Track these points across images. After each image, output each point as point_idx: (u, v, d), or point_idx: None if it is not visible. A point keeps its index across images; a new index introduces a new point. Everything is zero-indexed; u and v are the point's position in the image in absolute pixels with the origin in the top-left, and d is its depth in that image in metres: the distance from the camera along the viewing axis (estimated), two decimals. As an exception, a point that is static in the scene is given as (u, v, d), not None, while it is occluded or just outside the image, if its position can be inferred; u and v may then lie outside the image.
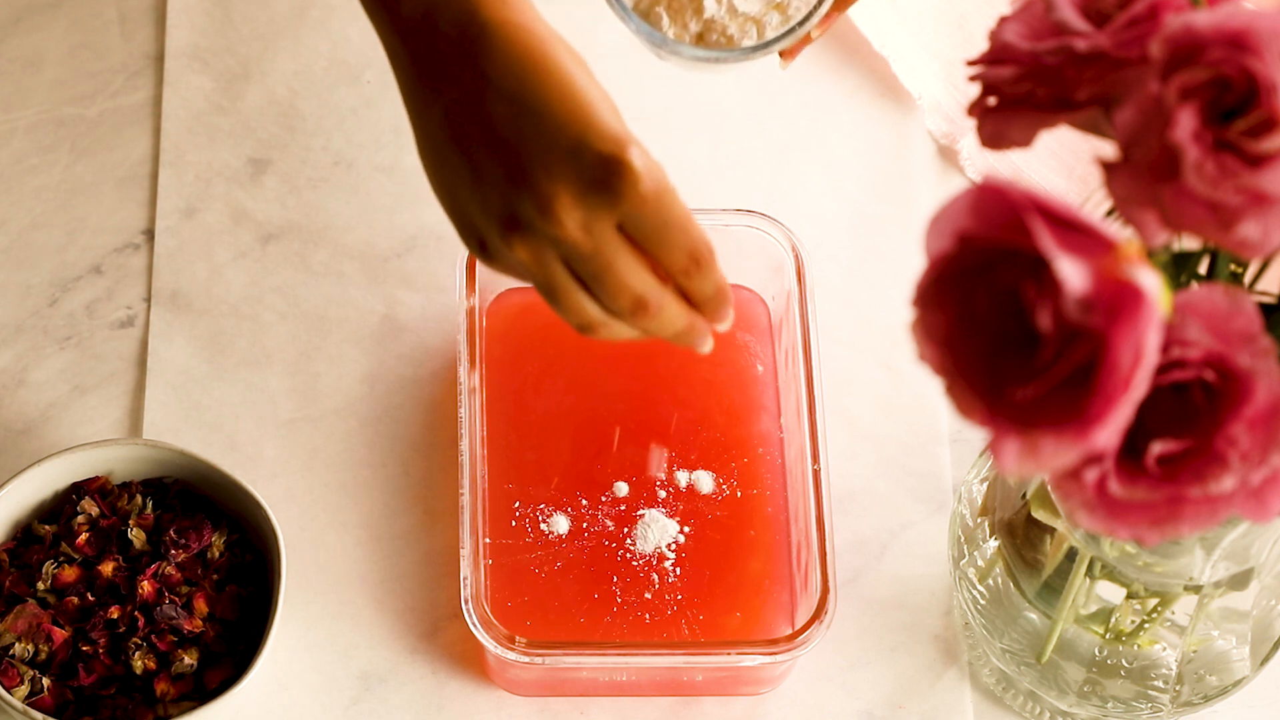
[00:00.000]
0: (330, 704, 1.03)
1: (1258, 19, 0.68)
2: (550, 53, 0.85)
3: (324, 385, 1.10)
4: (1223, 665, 0.97)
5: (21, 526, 1.03)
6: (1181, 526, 0.70)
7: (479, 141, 0.85)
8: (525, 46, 0.85)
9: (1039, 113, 0.74)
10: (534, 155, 0.84)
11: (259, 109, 1.16)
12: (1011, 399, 0.68)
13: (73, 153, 1.16)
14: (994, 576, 0.98)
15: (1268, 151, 0.68)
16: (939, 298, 0.70)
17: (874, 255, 1.15)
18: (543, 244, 0.85)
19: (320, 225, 1.14)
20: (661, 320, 0.87)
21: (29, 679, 0.98)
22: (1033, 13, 0.75)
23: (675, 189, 0.85)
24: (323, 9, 1.19)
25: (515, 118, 0.85)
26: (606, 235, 0.84)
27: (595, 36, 1.07)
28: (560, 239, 0.84)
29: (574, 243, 0.84)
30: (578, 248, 0.84)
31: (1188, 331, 0.69)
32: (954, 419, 1.07)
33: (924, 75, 1.18)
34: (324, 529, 1.07)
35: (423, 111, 0.88)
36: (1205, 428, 0.70)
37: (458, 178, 0.87)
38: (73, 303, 1.12)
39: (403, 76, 0.89)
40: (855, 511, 1.08)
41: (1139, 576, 0.91)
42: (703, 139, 1.17)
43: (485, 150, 0.85)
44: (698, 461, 1.06)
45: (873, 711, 1.04)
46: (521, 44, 0.85)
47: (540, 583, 1.03)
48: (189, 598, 1.00)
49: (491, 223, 0.86)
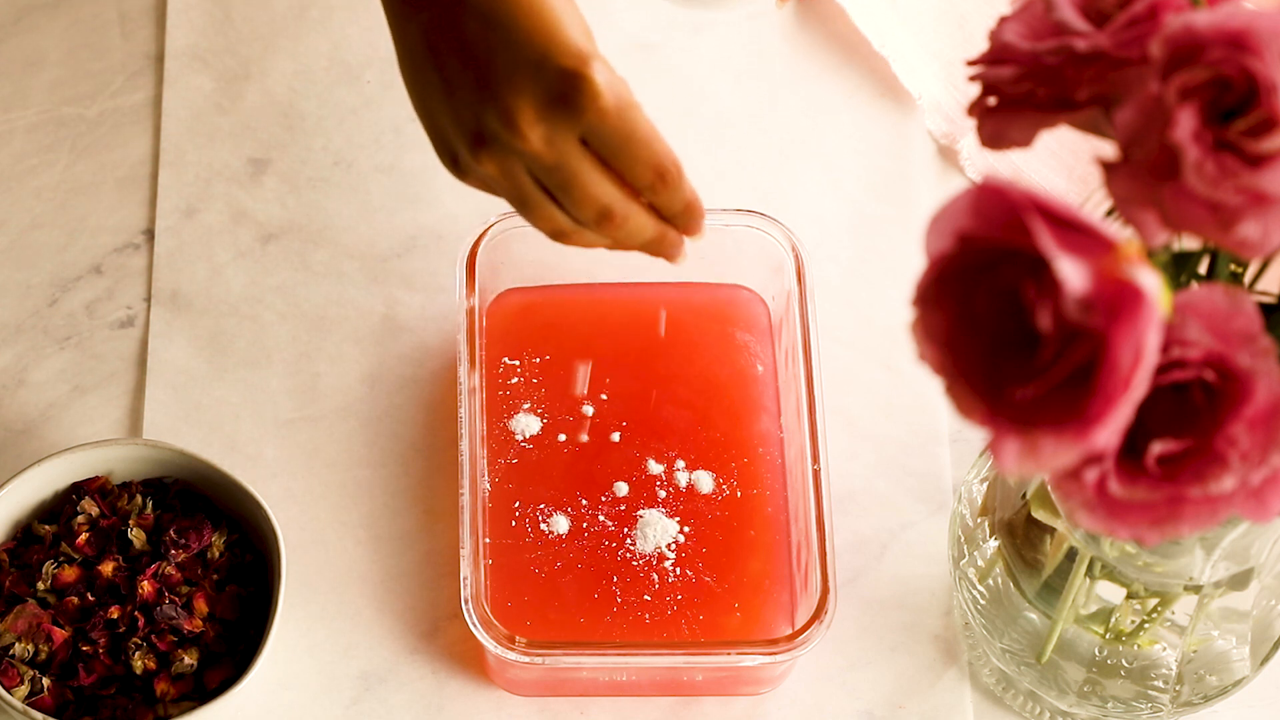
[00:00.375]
0: (330, 704, 1.03)
1: (1258, 19, 0.68)
2: None
3: (324, 385, 1.10)
4: (1223, 665, 0.97)
5: (21, 526, 1.03)
6: (1181, 526, 0.70)
7: (453, 57, 0.88)
8: None
9: (1039, 113, 0.74)
10: (500, 70, 0.87)
11: (259, 109, 1.16)
12: (1011, 399, 0.68)
13: (73, 153, 1.16)
14: (994, 576, 0.98)
15: (1268, 151, 0.68)
16: (939, 298, 0.70)
17: (874, 255, 1.15)
18: (509, 157, 0.88)
19: (320, 225, 1.14)
20: (628, 229, 0.90)
21: (29, 679, 0.98)
22: (1033, 13, 0.75)
23: (639, 105, 0.88)
24: (323, 9, 1.19)
25: (486, 33, 0.87)
26: (569, 148, 0.87)
27: (598, 37, 1.07)
28: (524, 151, 0.87)
29: (537, 155, 0.87)
30: (541, 159, 0.87)
31: (1188, 331, 0.69)
32: (954, 419, 1.07)
33: (924, 75, 1.18)
34: (324, 529, 1.07)
35: (403, 26, 0.91)
36: (1205, 428, 0.70)
37: (432, 92, 0.89)
38: (73, 303, 1.12)
39: None
40: (855, 511, 1.08)
41: (1139, 576, 0.91)
42: (703, 139, 1.17)
43: (458, 65, 0.88)
44: (698, 461, 1.06)
45: (873, 711, 1.04)
46: None
47: (540, 583, 1.03)
48: (189, 598, 1.00)
49: (462, 137, 0.89)
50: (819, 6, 1.21)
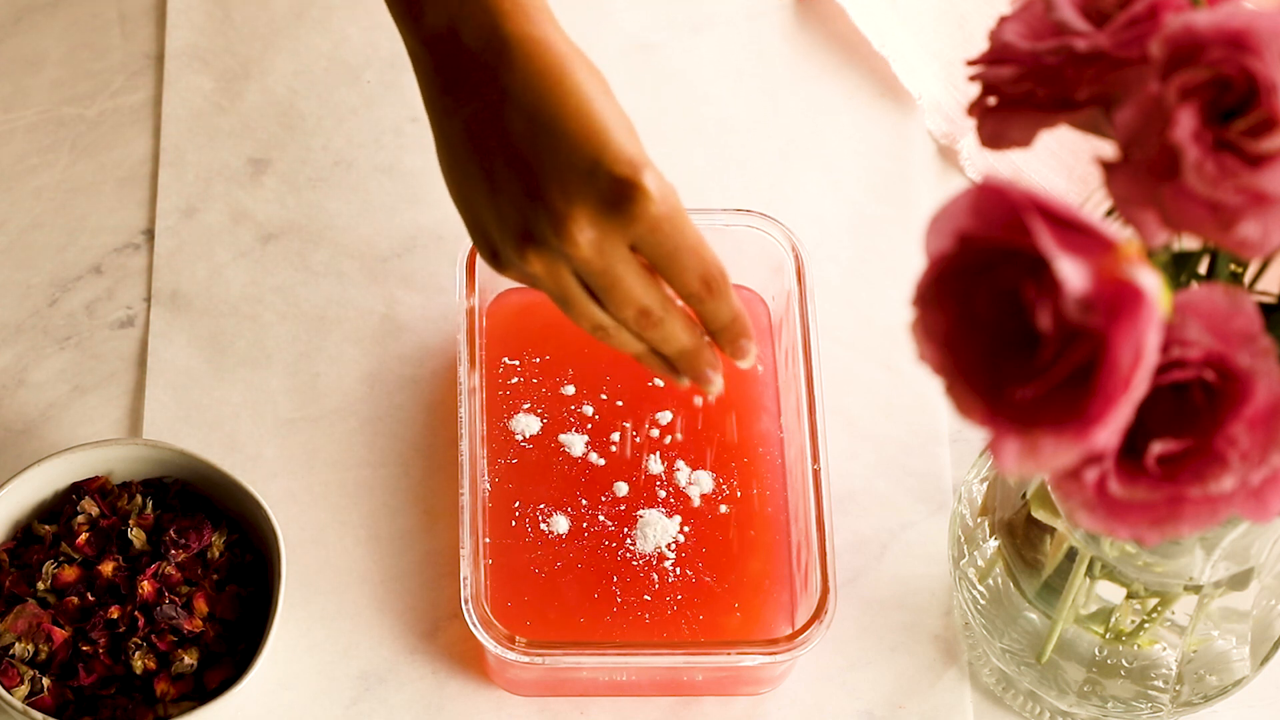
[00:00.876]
0: (330, 704, 1.03)
1: (1258, 19, 0.68)
2: (570, 70, 0.87)
3: (324, 385, 1.10)
4: (1223, 665, 0.97)
5: (21, 526, 1.03)
6: (1181, 526, 0.70)
7: (497, 155, 0.87)
8: (545, 63, 0.87)
9: (1039, 113, 0.74)
10: (551, 173, 0.86)
11: (259, 109, 1.16)
12: (1011, 399, 0.68)
13: (73, 153, 1.16)
14: (994, 576, 0.98)
15: (1268, 151, 0.68)
16: (939, 298, 0.70)
17: (874, 255, 1.15)
18: (556, 259, 0.87)
19: (320, 225, 1.14)
20: (665, 331, 0.89)
21: (29, 679, 0.98)
22: (1033, 13, 0.75)
23: (687, 213, 0.87)
24: (323, 9, 1.19)
25: (533, 135, 0.86)
26: (618, 254, 0.87)
27: (598, 37, 1.07)
28: (573, 256, 0.86)
29: (586, 260, 0.86)
30: (589, 265, 0.87)
31: (1188, 331, 0.69)
32: (954, 419, 1.07)
33: (924, 75, 1.18)
34: (324, 529, 1.07)
35: (444, 121, 0.90)
36: (1205, 428, 0.70)
37: (475, 188, 0.88)
38: (73, 303, 1.12)
39: (425, 86, 0.91)
40: (855, 511, 1.08)
41: (1139, 576, 0.91)
42: (703, 139, 1.17)
43: (503, 164, 0.87)
44: (698, 461, 1.06)
45: (873, 711, 1.04)
46: (541, 60, 0.87)
47: (540, 583, 1.03)
48: (189, 598, 1.00)
49: (507, 235, 0.88)
50: (819, 6, 1.21)
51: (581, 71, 0.87)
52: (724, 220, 1.07)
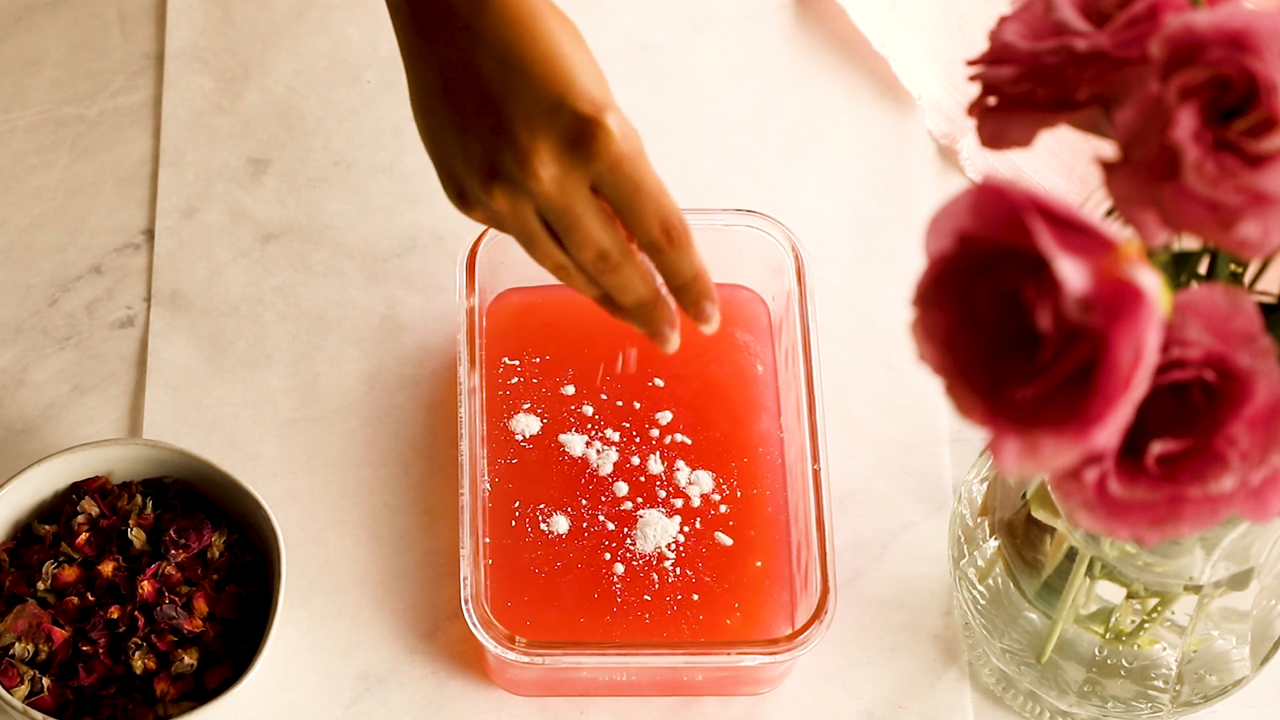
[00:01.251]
0: (330, 704, 1.03)
1: (1258, 19, 0.68)
2: (541, 17, 0.90)
3: (324, 385, 1.10)
4: (1223, 665, 0.97)
5: (21, 526, 1.03)
6: (1181, 526, 0.70)
7: (468, 96, 0.90)
8: (519, 11, 0.90)
9: (1039, 113, 0.74)
10: (517, 110, 0.88)
11: (259, 109, 1.16)
12: (1011, 399, 0.68)
13: (73, 153, 1.16)
14: (994, 576, 0.98)
15: (1268, 151, 0.68)
16: (939, 298, 0.70)
17: (874, 255, 1.15)
18: (519, 195, 0.89)
19: (320, 225, 1.14)
20: (623, 278, 0.91)
21: (29, 679, 0.98)
22: (1033, 13, 0.75)
23: (649, 158, 0.89)
24: (323, 9, 1.19)
25: (503, 75, 0.89)
26: (579, 192, 0.89)
27: (598, 37, 1.07)
28: (535, 191, 0.89)
29: (547, 196, 0.89)
30: (550, 201, 0.89)
31: (1188, 331, 0.69)
32: (954, 419, 1.07)
33: (924, 75, 1.18)
34: (324, 529, 1.07)
35: (418, 65, 0.92)
36: (1205, 428, 0.70)
37: (445, 128, 0.91)
38: (73, 303, 1.12)
39: (402, 30, 0.93)
40: (855, 511, 1.08)
41: (1139, 576, 0.91)
42: (703, 139, 1.17)
43: (473, 104, 0.90)
44: (698, 461, 1.06)
45: (873, 711, 1.04)
46: (515, 8, 0.90)
47: (540, 583, 1.03)
48: (189, 598, 1.00)
49: (473, 172, 0.90)
50: (819, 6, 1.21)
51: (553, 19, 0.90)
52: (724, 220, 1.07)
